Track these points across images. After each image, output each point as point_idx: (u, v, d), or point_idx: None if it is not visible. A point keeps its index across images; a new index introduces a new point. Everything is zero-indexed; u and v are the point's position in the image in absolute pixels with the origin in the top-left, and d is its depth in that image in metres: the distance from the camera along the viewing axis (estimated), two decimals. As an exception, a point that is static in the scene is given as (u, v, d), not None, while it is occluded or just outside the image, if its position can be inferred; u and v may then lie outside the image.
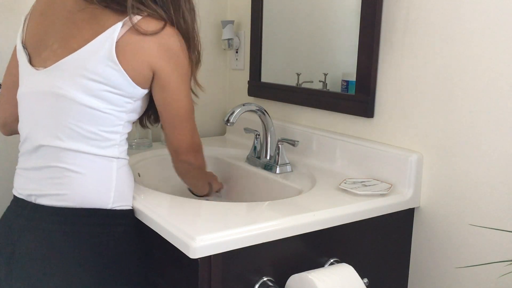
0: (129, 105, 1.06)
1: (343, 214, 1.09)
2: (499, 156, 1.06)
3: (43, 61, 1.04)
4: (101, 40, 1.00)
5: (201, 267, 0.93)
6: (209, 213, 1.06)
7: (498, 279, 1.06)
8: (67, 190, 1.02)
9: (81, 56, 1.00)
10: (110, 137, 1.05)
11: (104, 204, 1.04)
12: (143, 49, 1.02)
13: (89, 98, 1.01)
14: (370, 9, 1.27)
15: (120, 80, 1.01)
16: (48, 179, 1.03)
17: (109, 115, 1.03)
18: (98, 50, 1.00)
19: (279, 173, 1.39)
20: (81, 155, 1.02)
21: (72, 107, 1.01)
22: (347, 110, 1.37)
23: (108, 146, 1.05)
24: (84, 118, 1.01)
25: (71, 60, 1.01)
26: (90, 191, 1.03)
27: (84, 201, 1.02)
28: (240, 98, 1.82)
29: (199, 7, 1.83)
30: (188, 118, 1.13)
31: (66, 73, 1.01)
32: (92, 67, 0.99)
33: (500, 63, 1.04)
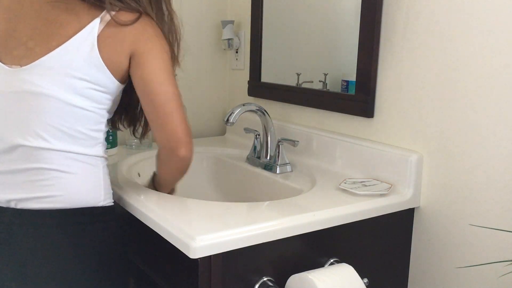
0: (109, 102, 1.05)
1: (343, 214, 1.09)
2: (499, 156, 1.06)
3: (17, 59, 1.00)
4: (81, 37, 0.98)
5: (201, 267, 0.93)
6: (209, 213, 1.06)
7: (498, 279, 1.06)
8: (57, 191, 1.00)
9: (62, 54, 0.98)
10: (95, 135, 1.04)
11: (96, 202, 1.04)
12: (122, 39, 1.01)
13: (74, 96, 0.99)
14: (370, 9, 1.27)
15: (101, 76, 1.00)
16: (30, 182, 1.00)
17: (93, 113, 1.02)
18: (80, 47, 0.98)
19: (279, 173, 1.39)
20: (69, 155, 1.01)
21: (57, 106, 0.98)
22: (347, 110, 1.37)
23: (94, 145, 1.04)
24: (70, 117, 1.00)
25: (52, 59, 0.98)
26: (82, 191, 1.02)
27: (76, 201, 1.01)
28: (240, 98, 1.82)
29: (199, 7, 1.84)
30: (177, 104, 1.05)
31: (48, 72, 0.98)
32: (76, 65, 0.98)
33: (500, 63, 1.04)
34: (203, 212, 1.06)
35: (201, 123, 1.87)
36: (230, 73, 1.90)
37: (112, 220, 1.08)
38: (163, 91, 1.03)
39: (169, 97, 1.03)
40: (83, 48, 0.98)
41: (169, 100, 1.03)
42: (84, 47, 0.98)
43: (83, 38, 0.99)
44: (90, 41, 0.99)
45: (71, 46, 0.99)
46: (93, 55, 0.99)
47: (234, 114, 1.34)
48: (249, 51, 1.74)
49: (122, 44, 1.01)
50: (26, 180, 1.00)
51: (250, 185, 1.46)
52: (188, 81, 1.80)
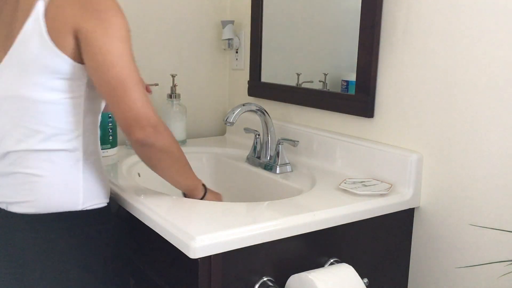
0: (80, 88, 0.97)
1: (343, 214, 1.09)
2: (499, 156, 1.06)
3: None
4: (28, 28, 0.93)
5: (201, 267, 0.93)
6: (209, 213, 1.06)
7: (498, 279, 1.06)
8: (33, 196, 0.98)
9: (17, 51, 0.96)
10: (72, 127, 0.99)
11: (73, 206, 1.00)
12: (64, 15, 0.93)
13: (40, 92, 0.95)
14: (370, 9, 1.27)
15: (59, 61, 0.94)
16: (15, 186, 0.99)
17: (65, 105, 0.97)
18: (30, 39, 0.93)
19: (279, 173, 1.39)
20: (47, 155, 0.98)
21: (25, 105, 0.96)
22: (347, 110, 1.37)
23: (71, 138, 0.99)
24: (40, 113, 0.96)
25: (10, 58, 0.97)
26: (55, 194, 0.99)
27: (51, 205, 0.98)
28: (240, 98, 1.82)
29: (199, 7, 1.84)
30: (131, 86, 0.93)
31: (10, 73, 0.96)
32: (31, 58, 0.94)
33: (500, 63, 1.04)
34: (203, 212, 1.06)
35: (201, 123, 1.87)
36: (230, 73, 1.90)
37: (98, 224, 1.03)
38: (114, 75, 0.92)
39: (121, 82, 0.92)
40: (33, 37, 0.93)
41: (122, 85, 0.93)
42: (34, 36, 0.93)
43: (31, 26, 0.93)
44: (38, 27, 0.93)
45: (22, 39, 0.94)
46: (45, 43, 0.93)
47: (234, 114, 1.34)
48: (249, 51, 1.74)
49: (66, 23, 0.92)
50: (11, 184, 1.00)
51: (250, 185, 1.46)
52: (188, 81, 1.80)
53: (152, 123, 0.94)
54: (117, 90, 0.92)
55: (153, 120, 0.95)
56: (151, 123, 0.94)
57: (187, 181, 1.11)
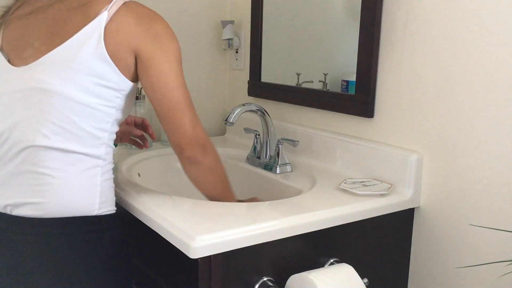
0: (118, 100, 1.01)
1: (343, 214, 1.09)
2: (499, 156, 1.06)
3: (25, 60, 1.00)
4: (88, 30, 0.97)
5: (201, 267, 0.93)
6: (209, 213, 1.06)
7: (498, 279, 1.06)
8: (47, 198, 0.96)
9: (66, 49, 0.97)
10: (99, 135, 1.00)
11: (89, 211, 0.99)
12: (127, 33, 0.98)
13: (78, 92, 0.96)
14: (370, 9, 1.27)
15: (108, 70, 0.98)
16: (26, 186, 0.97)
17: (98, 111, 0.99)
18: (86, 41, 0.96)
19: (279, 173, 1.39)
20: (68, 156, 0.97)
21: (60, 101, 0.96)
22: (347, 110, 1.37)
23: (96, 145, 1.00)
24: (73, 113, 0.97)
25: (57, 54, 0.97)
26: (73, 198, 0.98)
27: (66, 209, 0.97)
28: (240, 98, 1.82)
29: (199, 7, 1.84)
30: (186, 107, 1.02)
31: (52, 68, 0.97)
32: (80, 59, 0.96)
33: (500, 63, 1.04)
34: (203, 212, 1.06)
35: (201, 123, 1.87)
36: (230, 73, 1.90)
37: (109, 230, 1.03)
38: (173, 95, 1.01)
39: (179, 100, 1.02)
40: (89, 41, 0.96)
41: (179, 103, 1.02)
42: (91, 40, 0.96)
43: (90, 31, 0.97)
44: (97, 34, 0.97)
45: (76, 40, 0.97)
46: (99, 49, 0.96)
47: (234, 114, 1.34)
48: (249, 51, 1.74)
49: (126, 38, 0.98)
50: (22, 184, 0.97)
51: (250, 185, 1.46)
52: (188, 81, 1.79)
53: (202, 143, 1.05)
54: (173, 111, 1.02)
55: (202, 140, 1.05)
56: (200, 143, 1.04)
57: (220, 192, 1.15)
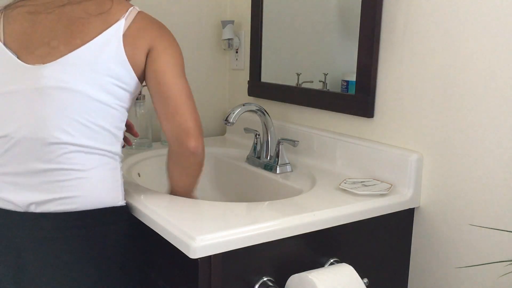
0: (129, 100, 1.08)
1: (343, 214, 1.09)
2: (499, 156, 1.06)
3: (40, 58, 1.01)
4: (108, 35, 1.02)
5: (201, 267, 0.93)
6: (209, 213, 1.06)
7: (498, 279, 1.06)
8: (78, 192, 1.00)
9: (87, 52, 1.01)
10: (117, 133, 1.06)
11: (116, 202, 1.05)
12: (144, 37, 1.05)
13: (99, 92, 1.01)
14: (370, 9, 1.27)
15: (125, 73, 1.04)
16: (51, 183, 0.99)
17: (116, 111, 1.05)
18: (107, 45, 1.02)
19: (279, 173, 1.39)
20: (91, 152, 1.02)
21: (82, 100, 1.00)
22: (347, 110, 1.37)
23: (114, 142, 1.06)
24: (95, 112, 1.01)
25: (78, 55, 1.00)
26: (103, 191, 1.03)
27: (98, 201, 1.02)
28: (240, 98, 1.82)
29: (199, 7, 1.84)
30: (187, 95, 1.08)
31: (74, 68, 1.00)
32: (101, 61, 1.01)
33: (500, 63, 1.04)
34: (203, 212, 1.06)
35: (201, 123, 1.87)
36: (230, 73, 1.90)
37: (130, 219, 1.10)
38: (174, 83, 1.06)
39: (179, 89, 1.06)
40: (109, 45, 1.02)
41: (180, 92, 1.06)
42: (111, 45, 1.02)
43: (110, 36, 1.02)
44: (116, 39, 1.02)
45: (96, 44, 1.01)
46: (119, 53, 1.02)
47: (234, 114, 1.34)
48: (249, 51, 1.74)
49: (142, 41, 1.05)
50: (47, 181, 0.99)
51: (250, 185, 1.46)
52: (188, 81, 1.79)
53: (201, 134, 1.09)
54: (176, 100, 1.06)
55: (201, 131, 1.09)
56: (201, 134, 1.09)
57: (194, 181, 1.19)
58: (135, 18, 1.06)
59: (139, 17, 1.07)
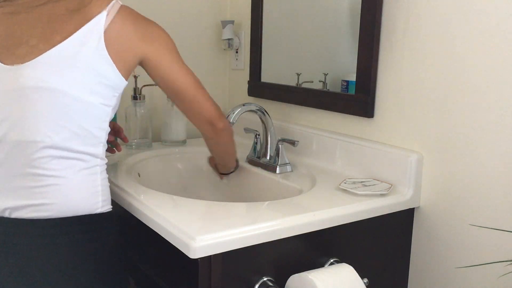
0: (114, 99, 1.04)
1: (343, 214, 1.09)
2: (499, 156, 1.06)
3: (20, 58, 0.97)
4: (87, 30, 0.98)
5: (201, 267, 0.93)
6: (209, 213, 1.06)
7: (498, 279, 1.06)
8: (52, 199, 0.96)
9: (67, 48, 0.97)
10: (98, 134, 1.02)
11: (93, 209, 1.01)
12: (129, 36, 1.03)
13: (81, 90, 0.97)
14: (370, 9, 1.27)
15: (108, 69, 1.00)
16: (26, 188, 0.96)
17: (99, 110, 1.01)
18: (86, 40, 0.98)
19: (279, 173, 1.39)
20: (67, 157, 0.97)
21: (62, 100, 0.96)
22: (347, 110, 1.37)
23: (95, 144, 1.02)
24: (75, 112, 0.97)
25: (57, 52, 0.97)
26: (79, 198, 0.98)
27: (72, 208, 0.98)
28: (240, 98, 1.82)
29: (199, 7, 1.84)
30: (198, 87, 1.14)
31: (53, 66, 0.96)
32: (81, 57, 0.97)
33: (500, 63, 1.04)
34: (203, 212, 1.06)
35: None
36: (230, 73, 1.90)
37: (111, 227, 1.05)
38: (185, 86, 1.11)
39: (192, 89, 1.13)
40: (89, 40, 0.98)
41: (193, 91, 1.13)
42: (91, 39, 0.98)
43: (89, 30, 0.98)
44: (97, 34, 0.99)
45: (76, 39, 0.98)
46: (100, 48, 0.99)
47: (234, 114, 1.34)
48: (249, 51, 1.74)
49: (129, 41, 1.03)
50: (23, 186, 0.96)
51: (250, 185, 1.46)
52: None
53: (222, 113, 1.20)
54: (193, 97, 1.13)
55: (220, 111, 1.20)
56: (222, 113, 1.20)
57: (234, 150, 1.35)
58: (118, 13, 1.02)
59: (123, 12, 1.03)
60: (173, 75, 1.10)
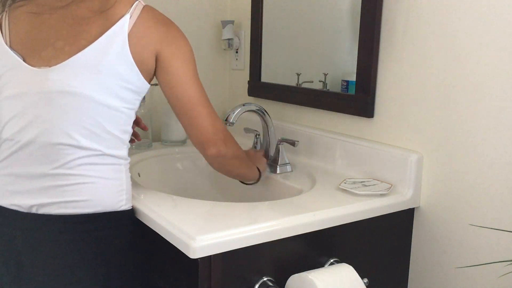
0: (137, 102, 1.06)
1: (343, 214, 1.09)
2: (499, 156, 1.06)
3: (45, 61, 0.99)
4: (111, 34, 0.99)
5: (201, 267, 0.93)
6: (209, 213, 1.06)
7: (498, 279, 1.06)
8: (81, 196, 0.99)
9: (93, 52, 0.98)
10: (122, 137, 1.05)
11: (118, 206, 1.03)
12: (150, 37, 1.02)
13: (106, 95, 0.99)
14: (370, 9, 1.27)
15: (132, 74, 1.01)
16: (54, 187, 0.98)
17: (123, 114, 1.03)
18: (111, 44, 0.98)
19: (279, 173, 1.39)
20: (95, 157, 1.00)
21: (88, 105, 0.98)
22: (347, 110, 1.37)
23: (119, 146, 1.04)
24: (101, 117, 0.99)
25: (83, 57, 0.98)
26: (106, 195, 1.01)
27: (100, 205, 1.00)
28: (240, 98, 1.82)
29: (199, 7, 1.84)
30: (202, 103, 1.07)
31: (79, 71, 0.98)
32: (107, 62, 0.98)
33: (500, 62, 1.04)
34: (203, 212, 1.06)
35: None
36: (230, 73, 1.90)
37: (134, 223, 1.08)
38: (187, 95, 1.06)
39: (194, 101, 1.06)
40: (114, 45, 0.99)
41: (194, 104, 1.06)
42: (115, 44, 0.99)
43: (114, 35, 0.99)
44: (121, 38, 0.99)
45: (101, 44, 0.99)
46: (124, 52, 0.99)
47: (234, 114, 1.34)
48: (249, 51, 1.74)
49: (149, 42, 1.02)
50: (50, 185, 0.99)
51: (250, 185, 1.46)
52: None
53: (222, 137, 1.09)
54: (191, 108, 1.06)
55: (222, 134, 1.10)
56: (221, 137, 1.09)
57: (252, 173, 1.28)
58: (141, 14, 1.02)
59: (145, 13, 1.03)
60: (179, 80, 1.05)
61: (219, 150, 1.09)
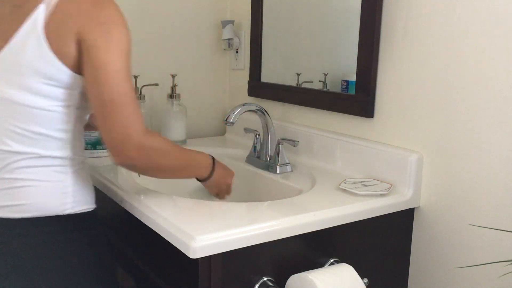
0: (74, 98, 0.97)
1: (343, 214, 1.09)
2: (499, 156, 1.06)
3: None
4: (25, 30, 0.92)
5: (201, 267, 0.93)
6: (209, 213, 1.06)
7: (498, 279, 1.06)
8: (23, 200, 0.97)
9: (10, 52, 0.93)
10: (60, 136, 0.98)
11: (62, 210, 0.99)
12: (70, 23, 0.91)
13: (30, 96, 0.93)
14: (370, 9, 1.27)
15: (53, 70, 0.92)
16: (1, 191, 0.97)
17: (55, 113, 0.96)
18: (26, 41, 0.91)
19: (279, 173, 1.39)
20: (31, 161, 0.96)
21: (12, 108, 0.94)
22: (347, 110, 1.37)
23: (60, 147, 0.99)
24: (27, 118, 0.94)
25: (2, 59, 0.94)
26: (46, 199, 0.98)
27: (41, 209, 0.97)
28: (240, 98, 1.82)
29: (199, 7, 1.84)
30: (123, 102, 0.92)
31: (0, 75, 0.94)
32: (25, 62, 0.92)
33: (500, 63, 1.04)
34: (203, 212, 1.06)
35: (201, 123, 1.87)
36: (230, 73, 1.90)
37: (83, 229, 1.03)
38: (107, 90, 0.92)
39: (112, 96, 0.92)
40: (29, 42, 0.91)
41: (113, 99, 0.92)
42: (30, 41, 0.91)
43: (28, 30, 0.91)
44: (35, 33, 0.91)
45: (17, 42, 0.92)
46: (42, 48, 0.91)
47: (234, 114, 1.34)
48: (249, 51, 1.74)
49: (68, 30, 0.91)
50: None
51: (250, 185, 1.46)
52: (188, 81, 1.80)
53: (135, 144, 0.94)
54: (106, 107, 0.92)
55: (135, 141, 0.94)
56: (133, 145, 0.94)
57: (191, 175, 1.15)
58: (60, 1, 0.92)
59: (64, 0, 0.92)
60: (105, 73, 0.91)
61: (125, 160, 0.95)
